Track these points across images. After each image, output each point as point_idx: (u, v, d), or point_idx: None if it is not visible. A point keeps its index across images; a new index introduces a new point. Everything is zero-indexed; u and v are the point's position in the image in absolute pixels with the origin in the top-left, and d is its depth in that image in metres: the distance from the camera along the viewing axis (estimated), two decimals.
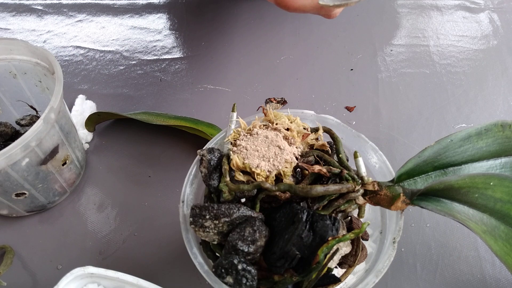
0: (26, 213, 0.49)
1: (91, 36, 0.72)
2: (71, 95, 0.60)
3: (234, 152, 0.36)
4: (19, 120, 0.54)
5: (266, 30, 0.71)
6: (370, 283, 0.34)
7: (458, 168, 0.37)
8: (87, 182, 0.53)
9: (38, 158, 0.43)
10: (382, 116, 0.58)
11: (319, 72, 0.64)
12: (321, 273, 0.33)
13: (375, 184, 0.35)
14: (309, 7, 0.42)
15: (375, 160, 0.41)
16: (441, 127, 0.57)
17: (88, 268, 0.35)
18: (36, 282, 0.45)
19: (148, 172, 0.54)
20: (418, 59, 0.65)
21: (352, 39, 0.68)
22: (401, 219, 0.37)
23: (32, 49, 0.48)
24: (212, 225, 0.33)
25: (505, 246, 0.30)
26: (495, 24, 0.70)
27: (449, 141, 0.36)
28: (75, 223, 0.50)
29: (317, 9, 0.43)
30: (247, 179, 0.35)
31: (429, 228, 0.48)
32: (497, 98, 0.60)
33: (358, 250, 0.36)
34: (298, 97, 0.61)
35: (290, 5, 0.42)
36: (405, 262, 0.45)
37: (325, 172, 0.35)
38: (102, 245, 0.48)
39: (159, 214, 0.50)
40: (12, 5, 0.77)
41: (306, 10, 0.43)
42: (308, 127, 0.39)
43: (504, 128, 0.37)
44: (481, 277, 0.44)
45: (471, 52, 0.66)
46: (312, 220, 0.33)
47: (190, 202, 0.39)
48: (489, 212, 0.31)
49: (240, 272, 0.32)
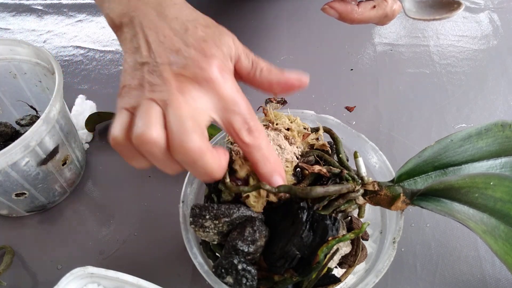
0: (26, 213, 0.49)
1: (91, 36, 0.72)
2: (71, 95, 0.60)
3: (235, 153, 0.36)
4: (19, 120, 0.54)
5: (266, 30, 0.71)
6: (370, 283, 0.34)
7: (458, 168, 0.37)
8: (87, 182, 0.53)
9: (38, 158, 0.43)
10: (382, 116, 0.58)
11: (319, 72, 0.64)
12: (321, 273, 0.33)
13: (375, 184, 0.35)
14: (374, 18, 0.42)
15: (375, 160, 0.41)
16: (441, 127, 0.57)
17: (88, 268, 0.35)
18: (36, 282, 0.45)
19: (148, 172, 0.54)
20: (418, 59, 0.65)
21: (352, 39, 0.68)
22: (401, 219, 0.37)
23: (32, 49, 0.48)
24: (212, 225, 0.33)
25: (505, 246, 0.30)
26: (495, 24, 0.70)
27: (449, 141, 0.36)
28: (75, 223, 0.50)
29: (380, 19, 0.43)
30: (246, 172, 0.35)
31: (429, 228, 0.48)
32: (497, 98, 0.60)
33: (358, 250, 0.36)
34: (298, 97, 0.61)
35: (355, 18, 0.42)
36: (405, 262, 0.45)
37: (325, 172, 0.35)
38: (102, 245, 0.48)
39: (159, 214, 0.50)
40: (12, 5, 0.77)
41: (371, 21, 0.43)
42: (308, 127, 0.39)
43: (504, 128, 0.37)
44: (481, 277, 0.44)
45: (471, 52, 0.66)
46: (312, 220, 0.33)
47: (190, 202, 0.39)
48: (489, 212, 0.31)
49: (240, 272, 0.32)
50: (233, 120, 0.30)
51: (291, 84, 0.33)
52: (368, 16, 0.42)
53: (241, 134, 0.30)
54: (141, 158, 0.30)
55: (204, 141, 0.28)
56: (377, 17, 0.42)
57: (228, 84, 0.30)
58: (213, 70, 0.29)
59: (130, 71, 0.30)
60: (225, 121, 0.30)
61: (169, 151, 0.28)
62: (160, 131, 0.28)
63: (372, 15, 0.42)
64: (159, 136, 0.27)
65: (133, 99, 0.29)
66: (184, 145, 0.27)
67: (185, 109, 0.28)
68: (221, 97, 0.29)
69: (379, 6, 0.42)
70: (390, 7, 0.42)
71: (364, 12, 0.42)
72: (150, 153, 0.28)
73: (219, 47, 0.30)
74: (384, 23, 0.44)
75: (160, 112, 0.28)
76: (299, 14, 0.72)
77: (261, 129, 0.31)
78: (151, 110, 0.28)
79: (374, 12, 0.42)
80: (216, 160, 0.29)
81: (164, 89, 0.28)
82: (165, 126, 0.28)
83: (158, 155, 0.28)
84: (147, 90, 0.29)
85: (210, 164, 0.29)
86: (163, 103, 0.28)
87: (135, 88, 0.29)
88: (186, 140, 0.27)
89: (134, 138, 0.28)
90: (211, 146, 0.29)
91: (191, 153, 0.28)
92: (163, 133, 0.28)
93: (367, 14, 0.42)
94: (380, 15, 0.42)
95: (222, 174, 0.30)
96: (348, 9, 0.42)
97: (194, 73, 0.29)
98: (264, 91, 0.34)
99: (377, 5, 0.42)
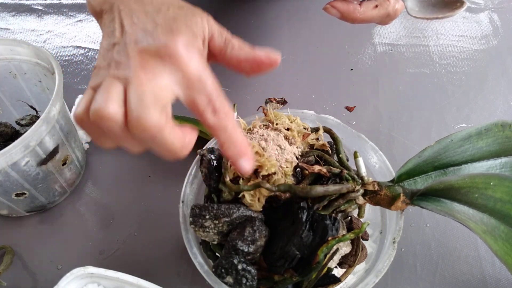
0: (26, 213, 0.49)
1: (91, 36, 0.72)
2: (71, 95, 0.60)
3: None
4: (19, 120, 0.54)
5: (266, 30, 0.71)
6: (370, 283, 0.34)
7: (458, 168, 0.37)
8: (87, 182, 0.53)
9: (38, 158, 0.43)
10: (382, 116, 0.58)
11: (319, 72, 0.64)
12: (321, 273, 0.33)
13: (375, 184, 0.35)
14: (376, 17, 0.42)
15: (375, 160, 0.41)
16: (441, 127, 0.57)
17: (88, 268, 0.35)
18: (36, 282, 0.45)
19: (148, 172, 0.54)
20: (418, 59, 0.65)
21: (352, 39, 0.68)
22: (401, 219, 0.37)
23: (32, 49, 0.48)
24: (212, 225, 0.33)
25: (505, 246, 0.30)
26: (495, 24, 0.70)
27: (449, 141, 0.36)
28: (75, 223, 0.50)
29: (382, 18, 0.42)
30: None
31: (429, 228, 0.48)
32: (497, 98, 0.60)
33: (358, 250, 0.36)
34: (298, 97, 0.61)
35: (357, 18, 0.42)
36: (405, 262, 0.45)
37: (325, 172, 0.35)
38: (102, 245, 0.48)
39: (159, 214, 0.50)
40: (12, 5, 0.77)
41: (373, 20, 0.43)
42: (308, 127, 0.39)
43: (504, 128, 0.37)
44: (481, 277, 0.44)
45: (471, 52, 0.66)
46: (312, 220, 0.33)
47: (190, 202, 0.39)
48: (489, 212, 0.31)
49: (240, 272, 0.32)
50: (197, 98, 0.29)
51: (260, 61, 0.32)
52: (370, 16, 0.42)
53: (205, 114, 0.29)
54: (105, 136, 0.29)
55: (163, 117, 0.28)
56: (379, 16, 0.42)
57: (193, 61, 0.29)
58: (177, 46, 0.28)
59: (103, 52, 0.30)
60: (188, 99, 0.29)
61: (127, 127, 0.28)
62: (117, 106, 0.27)
63: (374, 15, 0.42)
64: (115, 111, 0.27)
65: (99, 77, 0.29)
66: (141, 120, 0.27)
67: (146, 85, 0.27)
68: (185, 73, 0.29)
69: (381, 5, 0.42)
70: (392, 7, 0.42)
71: (366, 11, 0.41)
72: (109, 130, 0.28)
73: (188, 26, 0.30)
74: (386, 23, 0.44)
75: (121, 89, 0.28)
76: (300, 14, 0.72)
77: (227, 110, 0.30)
78: (111, 87, 0.28)
79: (376, 12, 0.42)
80: (177, 136, 0.28)
81: (127, 67, 0.28)
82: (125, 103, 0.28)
83: (117, 131, 0.28)
84: (112, 68, 0.29)
85: (171, 141, 0.28)
86: (125, 81, 0.28)
87: (103, 68, 0.29)
88: (144, 116, 0.27)
89: (91, 113, 0.28)
90: (173, 123, 0.28)
91: (149, 129, 0.27)
92: (121, 109, 0.27)
93: (369, 13, 0.41)
94: (382, 14, 0.42)
95: (186, 152, 0.30)
96: (350, 8, 0.41)
97: (158, 49, 0.28)
98: (235, 69, 0.33)
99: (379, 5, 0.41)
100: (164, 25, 0.29)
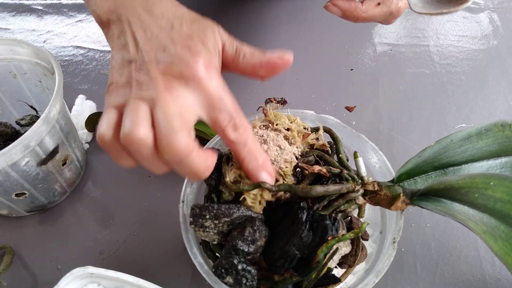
0: (26, 213, 0.49)
1: (91, 36, 0.72)
2: (71, 95, 0.60)
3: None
4: (19, 120, 0.54)
5: (266, 30, 0.71)
6: (370, 283, 0.34)
7: (458, 168, 0.37)
8: (87, 182, 0.53)
9: (38, 158, 0.43)
10: (382, 116, 0.58)
11: (319, 72, 0.64)
12: (321, 273, 0.33)
13: (375, 184, 0.35)
14: (379, 16, 0.41)
15: (375, 160, 0.41)
16: (441, 127, 0.57)
17: (88, 268, 0.35)
18: (36, 282, 0.45)
19: (148, 172, 0.54)
20: (418, 59, 0.65)
21: (352, 39, 0.68)
22: (401, 219, 0.37)
23: (32, 49, 0.48)
24: (212, 225, 0.33)
25: (505, 246, 0.30)
26: (495, 24, 0.70)
27: (449, 141, 0.36)
28: (75, 223, 0.50)
29: (385, 17, 0.42)
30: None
31: (429, 228, 0.48)
32: (497, 98, 0.60)
33: (358, 250, 0.36)
34: (298, 97, 0.61)
35: (359, 16, 0.41)
36: (405, 262, 0.45)
37: (325, 172, 0.35)
38: (102, 245, 0.48)
39: (159, 214, 0.50)
40: (12, 5, 0.77)
41: (375, 19, 0.42)
42: (308, 127, 0.39)
43: (504, 128, 0.37)
44: (481, 277, 0.44)
45: (471, 52, 0.66)
46: (312, 220, 0.33)
47: (190, 202, 0.39)
48: (489, 212, 0.31)
49: (240, 272, 0.32)
50: (219, 117, 0.30)
51: (274, 63, 0.32)
52: (372, 14, 0.41)
53: (227, 131, 0.30)
54: (128, 157, 0.30)
55: (191, 140, 0.28)
56: (381, 15, 0.41)
57: (214, 82, 0.30)
58: (199, 67, 0.29)
59: (118, 68, 0.30)
60: (211, 119, 0.30)
61: (156, 150, 0.28)
62: (147, 130, 0.28)
63: (377, 13, 0.41)
64: (147, 135, 0.27)
65: (121, 97, 0.29)
66: (171, 144, 0.27)
67: (173, 108, 0.28)
68: (207, 94, 0.29)
69: (384, 3, 0.41)
70: (395, 5, 0.41)
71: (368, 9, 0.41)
72: (137, 152, 0.28)
73: (204, 43, 0.30)
74: (388, 22, 0.43)
75: (147, 111, 0.28)
76: (300, 14, 0.72)
77: (246, 125, 0.31)
78: (139, 109, 0.28)
79: (379, 10, 0.41)
80: (202, 160, 0.29)
81: (151, 88, 0.28)
82: (153, 125, 0.28)
83: (145, 154, 0.28)
84: (134, 88, 0.29)
85: (196, 164, 0.29)
86: (150, 102, 0.28)
87: (122, 86, 0.29)
88: (174, 139, 0.27)
89: (122, 137, 0.28)
90: (198, 146, 0.29)
91: (178, 152, 0.28)
92: (150, 132, 0.28)
93: (372, 11, 0.41)
94: (385, 13, 0.41)
95: (208, 174, 0.31)
96: (351, 6, 0.40)
97: (181, 71, 0.29)
98: (251, 76, 0.34)
99: (382, 3, 0.41)
100: (182, 43, 0.29)
